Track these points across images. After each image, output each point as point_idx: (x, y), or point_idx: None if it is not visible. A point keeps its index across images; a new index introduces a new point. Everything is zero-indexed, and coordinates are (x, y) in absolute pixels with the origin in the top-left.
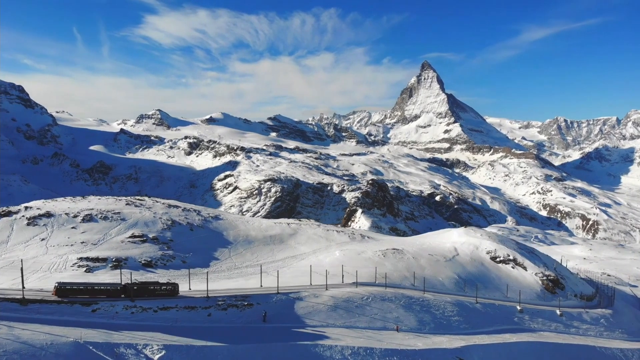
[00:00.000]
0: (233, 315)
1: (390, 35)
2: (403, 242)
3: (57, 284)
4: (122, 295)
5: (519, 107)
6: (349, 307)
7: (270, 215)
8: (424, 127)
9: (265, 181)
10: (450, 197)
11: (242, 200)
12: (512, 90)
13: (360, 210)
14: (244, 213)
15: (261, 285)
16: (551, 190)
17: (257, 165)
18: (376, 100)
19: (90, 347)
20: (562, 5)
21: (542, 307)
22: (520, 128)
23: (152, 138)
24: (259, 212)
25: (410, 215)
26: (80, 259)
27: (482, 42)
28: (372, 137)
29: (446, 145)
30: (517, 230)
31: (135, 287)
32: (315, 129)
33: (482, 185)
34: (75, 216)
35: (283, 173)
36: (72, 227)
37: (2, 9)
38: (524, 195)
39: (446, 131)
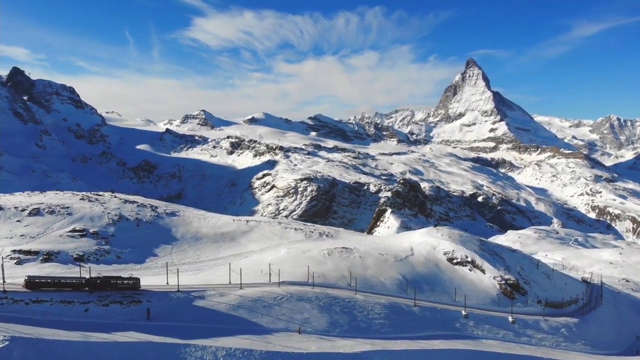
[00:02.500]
0: (114, 311)
1: (437, 33)
2: (361, 241)
3: (26, 277)
4: (86, 288)
5: (570, 105)
6: (254, 307)
7: (306, 214)
8: (469, 125)
9: (302, 180)
10: (494, 197)
11: (279, 198)
12: (563, 87)
13: (389, 211)
14: (281, 212)
15: (167, 283)
16: (600, 192)
17: (295, 165)
18: (421, 99)
19: None
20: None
21: (493, 313)
22: (570, 127)
23: (196, 138)
24: (294, 210)
25: (445, 216)
26: (14, 251)
27: (531, 38)
28: (414, 136)
29: (491, 144)
30: (557, 233)
31: (98, 281)
32: (356, 128)
33: (528, 186)
34: (23, 210)
35: (320, 172)
36: (17, 221)
37: (58, 14)
38: (572, 196)
39: (492, 130)
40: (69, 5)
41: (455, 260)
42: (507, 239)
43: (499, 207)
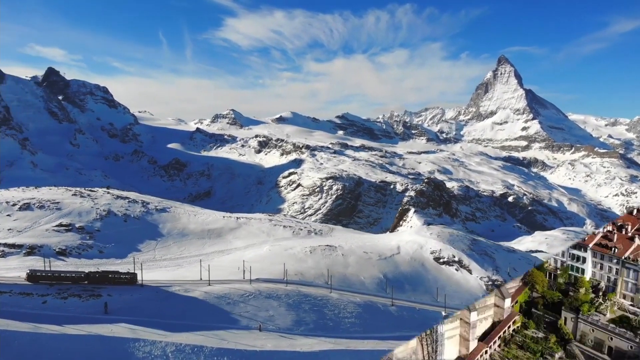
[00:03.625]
0: (72, 304)
1: (469, 30)
2: (349, 239)
3: (29, 271)
4: (86, 282)
5: (606, 103)
6: (217, 304)
7: (331, 212)
8: (500, 124)
9: (327, 179)
10: (524, 197)
11: (305, 197)
12: (599, 85)
13: (412, 210)
14: (306, 210)
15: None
16: (636, 192)
17: (321, 163)
18: (452, 97)
19: None
20: None
21: None
22: (606, 125)
23: (226, 137)
24: (320, 209)
25: (471, 216)
26: None
27: (567, 35)
28: (444, 135)
29: (524, 143)
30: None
31: (97, 275)
32: (384, 127)
33: (561, 186)
34: (14, 204)
35: (345, 171)
36: (7, 215)
37: (95, 15)
38: (606, 197)
39: (524, 128)
40: (105, 7)
41: (441, 260)
42: (533, 240)
43: (529, 208)
